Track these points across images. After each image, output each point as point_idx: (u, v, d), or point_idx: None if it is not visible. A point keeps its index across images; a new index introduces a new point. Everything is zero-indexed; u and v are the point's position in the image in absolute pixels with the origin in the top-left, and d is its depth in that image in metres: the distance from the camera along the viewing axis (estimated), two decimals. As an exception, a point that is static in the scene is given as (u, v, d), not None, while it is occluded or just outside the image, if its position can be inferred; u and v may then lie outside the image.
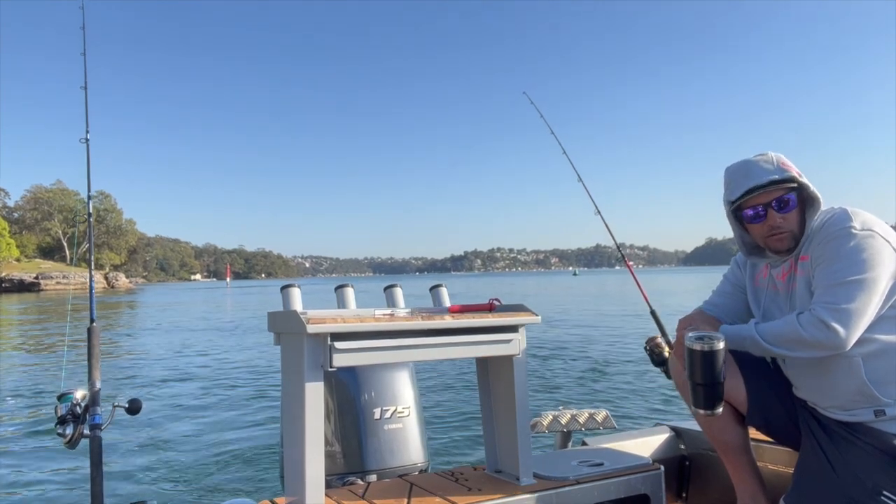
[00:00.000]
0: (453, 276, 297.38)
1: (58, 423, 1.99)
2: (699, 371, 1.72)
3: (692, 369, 1.73)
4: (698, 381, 1.72)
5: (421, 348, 1.88)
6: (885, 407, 1.68)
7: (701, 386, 1.72)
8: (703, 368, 1.71)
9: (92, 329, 2.20)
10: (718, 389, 1.72)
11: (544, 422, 2.74)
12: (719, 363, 1.70)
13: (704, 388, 1.72)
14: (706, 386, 1.71)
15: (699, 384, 1.73)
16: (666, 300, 24.40)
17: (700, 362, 1.71)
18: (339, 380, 2.38)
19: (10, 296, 60.69)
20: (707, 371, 1.70)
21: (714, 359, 1.70)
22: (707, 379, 1.71)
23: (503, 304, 2.19)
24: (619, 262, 3.46)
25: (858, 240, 1.68)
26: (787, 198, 1.80)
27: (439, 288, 2.59)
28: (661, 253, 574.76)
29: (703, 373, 1.71)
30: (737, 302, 2.06)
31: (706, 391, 1.72)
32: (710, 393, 1.72)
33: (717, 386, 1.71)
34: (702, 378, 1.72)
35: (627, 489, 2.10)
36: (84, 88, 2.65)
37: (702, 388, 1.72)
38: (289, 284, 2.53)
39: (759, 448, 2.24)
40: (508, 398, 2.08)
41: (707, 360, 1.70)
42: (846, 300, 1.65)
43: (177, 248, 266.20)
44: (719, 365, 1.70)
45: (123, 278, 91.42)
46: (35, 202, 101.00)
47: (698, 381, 1.72)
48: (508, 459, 2.10)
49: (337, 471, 2.30)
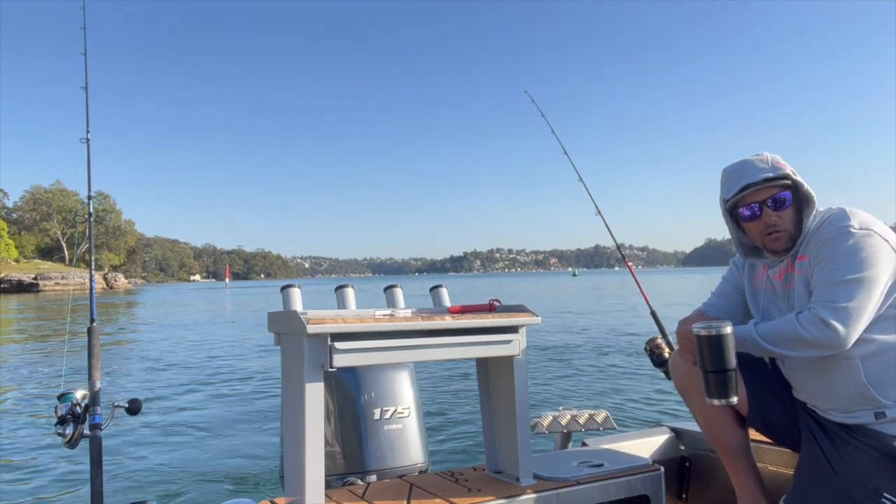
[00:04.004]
0: (452, 276, 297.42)
1: (58, 422, 1.99)
2: (709, 358, 1.71)
3: (702, 358, 1.72)
4: (709, 369, 1.71)
5: (421, 349, 1.88)
6: (886, 409, 1.68)
7: (713, 373, 1.71)
8: (713, 354, 1.70)
9: (92, 329, 2.21)
10: (731, 376, 1.70)
11: (544, 422, 2.74)
12: (729, 348, 1.69)
13: (716, 376, 1.70)
14: (718, 373, 1.70)
15: (711, 371, 1.71)
16: (665, 301, 24.40)
17: (709, 348, 1.70)
18: (339, 380, 2.37)
19: (9, 296, 60.63)
20: (717, 356, 1.69)
21: (723, 343, 1.69)
22: (718, 365, 1.70)
23: (503, 305, 2.19)
24: (619, 263, 3.47)
25: (857, 239, 1.68)
26: (781, 196, 1.81)
27: (439, 288, 2.58)
28: (660, 254, 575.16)
29: (714, 359, 1.70)
30: (736, 303, 2.06)
31: (718, 378, 1.70)
32: (722, 380, 1.70)
33: (729, 372, 1.70)
34: (712, 364, 1.70)
35: (627, 490, 2.10)
36: (84, 88, 2.66)
37: (713, 376, 1.71)
38: (289, 284, 2.52)
39: (759, 449, 2.24)
40: (508, 399, 2.08)
41: (716, 345, 1.69)
42: (845, 298, 1.65)
43: (176, 248, 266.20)
44: (729, 350, 1.69)
45: (122, 279, 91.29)
46: (34, 203, 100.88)
47: (709, 369, 1.71)
48: (508, 460, 2.10)
49: (337, 471, 2.30)
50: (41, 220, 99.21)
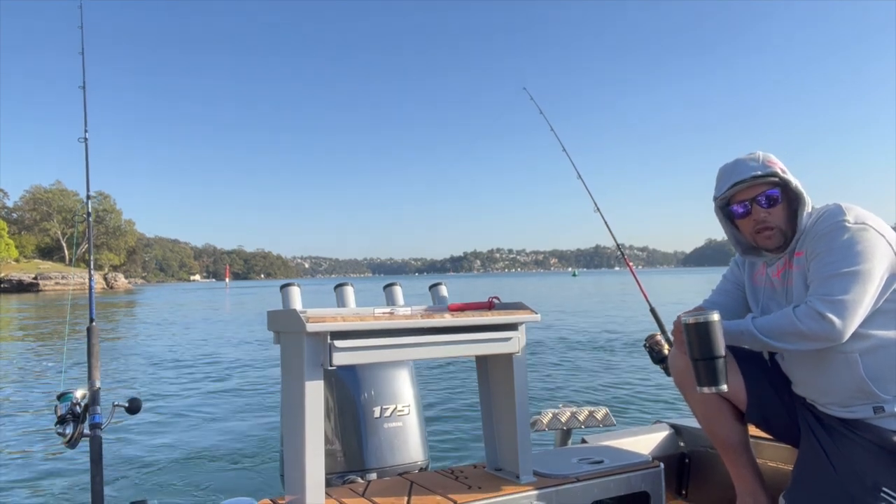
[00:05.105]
0: (452, 276, 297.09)
1: (58, 422, 1.98)
2: (696, 345, 1.71)
3: (690, 346, 1.73)
4: (697, 357, 1.72)
5: (421, 346, 1.88)
6: (884, 403, 1.69)
7: (701, 361, 1.71)
8: (701, 341, 1.70)
9: (91, 328, 2.20)
10: (720, 363, 1.70)
11: (544, 420, 2.74)
12: (716, 335, 1.70)
13: (705, 363, 1.71)
14: (706, 360, 1.70)
15: (698, 359, 1.72)
16: (665, 299, 24.41)
17: (696, 335, 1.71)
18: (339, 378, 2.37)
19: (9, 296, 60.60)
20: (704, 344, 1.70)
21: (709, 329, 1.70)
22: (705, 352, 1.70)
23: (503, 303, 2.19)
24: (619, 263, 3.49)
25: (852, 233, 1.70)
26: (770, 193, 1.83)
27: (439, 286, 2.58)
28: (660, 254, 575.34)
29: (701, 346, 1.71)
30: (737, 300, 2.07)
31: (707, 366, 1.71)
32: (711, 367, 1.70)
33: (717, 360, 1.70)
34: (699, 352, 1.71)
35: (627, 487, 2.10)
36: (82, 88, 2.65)
37: (702, 364, 1.71)
38: (288, 283, 2.52)
39: (758, 445, 2.24)
40: (508, 396, 2.08)
41: (702, 332, 1.70)
42: (841, 291, 1.66)
43: (176, 248, 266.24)
44: (716, 337, 1.70)
45: (122, 279, 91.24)
46: (34, 202, 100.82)
47: (697, 357, 1.72)
48: (508, 457, 2.11)
49: (337, 469, 2.30)
50: (41, 219, 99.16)
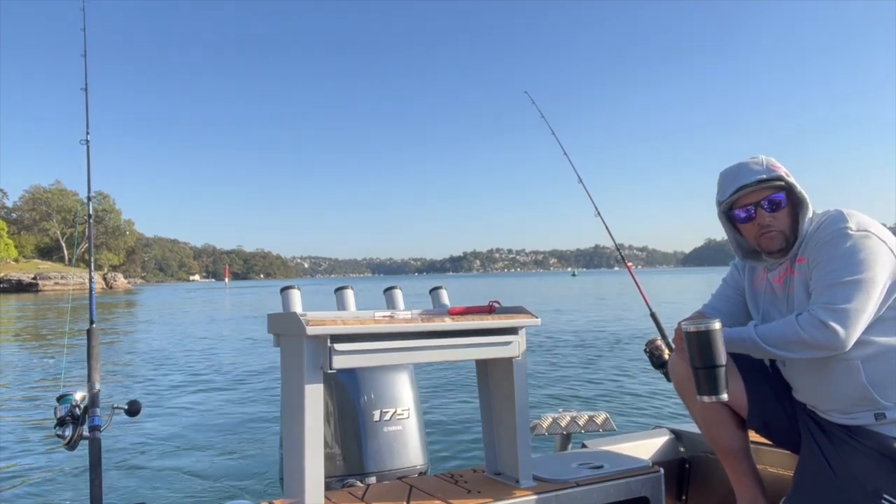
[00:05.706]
0: (452, 276, 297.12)
1: (57, 424, 1.98)
2: (697, 354, 1.71)
3: (691, 354, 1.72)
4: (698, 365, 1.71)
5: (421, 350, 1.88)
6: (886, 410, 1.68)
7: (702, 370, 1.71)
8: (702, 350, 1.70)
9: (91, 330, 2.20)
10: (720, 372, 1.70)
11: (544, 424, 2.74)
12: (717, 344, 1.69)
13: (706, 372, 1.70)
14: (707, 369, 1.70)
15: (699, 368, 1.71)
16: (665, 301, 24.40)
17: (697, 344, 1.70)
18: (339, 382, 2.37)
19: (9, 296, 60.59)
20: (706, 352, 1.69)
21: (710, 338, 1.69)
22: (707, 361, 1.69)
23: (503, 307, 2.19)
24: (619, 263, 3.48)
25: (855, 240, 1.69)
26: (775, 197, 1.82)
27: (439, 290, 2.58)
28: (659, 254, 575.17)
29: (702, 354, 1.70)
30: (737, 305, 2.06)
31: (707, 375, 1.70)
32: (711, 376, 1.70)
33: (718, 369, 1.69)
34: (701, 360, 1.70)
35: (627, 492, 2.10)
36: (84, 90, 2.65)
37: (703, 372, 1.70)
38: (288, 286, 2.52)
39: (758, 451, 2.24)
40: (508, 400, 2.08)
41: (703, 340, 1.69)
42: (844, 300, 1.65)
43: (175, 248, 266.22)
44: (717, 345, 1.69)
45: (122, 279, 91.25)
46: (33, 202, 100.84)
47: (698, 365, 1.71)
48: (508, 462, 2.10)
49: (336, 473, 2.29)
50: (41, 219, 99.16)
